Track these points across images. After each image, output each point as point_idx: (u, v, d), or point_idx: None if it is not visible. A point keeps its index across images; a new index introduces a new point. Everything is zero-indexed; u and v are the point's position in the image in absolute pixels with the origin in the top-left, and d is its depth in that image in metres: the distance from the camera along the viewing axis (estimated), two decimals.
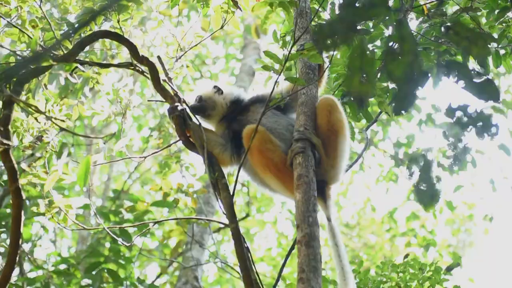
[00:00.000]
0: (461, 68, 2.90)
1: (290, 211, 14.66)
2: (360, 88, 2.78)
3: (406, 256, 5.94)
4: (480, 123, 2.92)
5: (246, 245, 4.43)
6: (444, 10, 4.90)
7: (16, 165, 4.09)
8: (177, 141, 5.01)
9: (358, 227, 14.01)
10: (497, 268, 19.42)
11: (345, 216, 14.71)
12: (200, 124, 4.89)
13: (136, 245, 8.66)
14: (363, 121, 5.70)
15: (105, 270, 7.95)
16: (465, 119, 2.95)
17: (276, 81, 4.48)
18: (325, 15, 5.41)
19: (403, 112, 2.85)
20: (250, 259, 4.41)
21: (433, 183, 3.04)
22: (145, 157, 5.33)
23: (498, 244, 16.70)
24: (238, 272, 8.32)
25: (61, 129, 4.78)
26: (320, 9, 5.32)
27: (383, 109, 5.33)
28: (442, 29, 4.61)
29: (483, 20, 5.11)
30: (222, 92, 5.34)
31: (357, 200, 14.75)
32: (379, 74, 5.05)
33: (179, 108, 4.86)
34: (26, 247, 8.84)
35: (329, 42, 2.73)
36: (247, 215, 10.33)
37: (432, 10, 4.88)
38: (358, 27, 2.78)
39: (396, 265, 5.88)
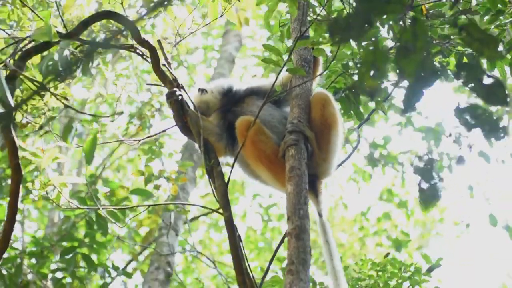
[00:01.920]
0: (471, 70, 2.90)
1: (261, 204, 14.67)
2: (372, 83, 2.78)
3: (387, 255, 5.95)
4: (488, 126, 2.92)
5: (238, 234, 4.43)
6: (443, 11, 4.91)
7: (17, 141, 4.07)
8: (173, 126, 4.99)
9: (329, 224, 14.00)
10: (468, 272, 19.67)
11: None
12: (198, 110, 4.87)
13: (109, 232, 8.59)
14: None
15: (80, 255, 7.88)
16: (473, 121, 2.95)
17: (279, 73, 4.49)
18: (319, 10, 5.38)
19: (411, 110, 2.85)
20: (242, 248, 4.42)
21: (435, 182, 3.04)
22: (139, 141, 5.32)
23: (470, 248, 16.84)
24: (212, 261, 8.29)
25: (65, 106, 4.76)
26: (316, 4, 5.31)
27: (379, 108, 5.34)
28: (456, 29, 4.63)
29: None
30: (206, 91, 5.34)
31: (329, 198, 14.78)
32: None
33: (177, 93, 4.84)
34: None
35: (344, 35, 2.72)
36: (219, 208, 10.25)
37: (431, 11, 4.89)
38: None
39: (375, 263, 5.89)
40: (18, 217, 12.00)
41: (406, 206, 13.23)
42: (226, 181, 4.62)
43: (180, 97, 4.84)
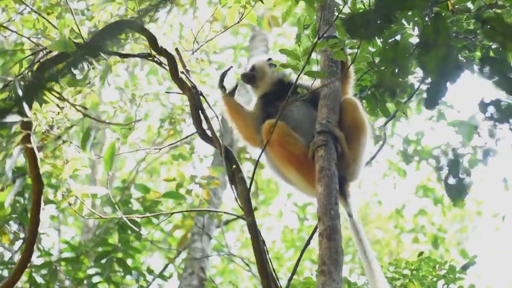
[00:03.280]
0: (496, 63, 2.84)
1: (296, 204, 14.62)
2: (393, 80, 2.73)
3: (421, 253, 5.89)
4: None
5: (262, 238, 4.41)
6: (468, 5, 4.84)
7: (36, 151, 4.08)
8: (193, 133, 4.95)
9: (363, 222, 13.94)
10: (507, 265, 19.44)
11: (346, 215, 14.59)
12: (219, 118, 4.84)
13: (142, 235, 8.63)
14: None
15: (115, 259, 7.91)
16: (498, 114, 2.89)
17: (298, 76, 4.46)
18: (343, 9, 5.33)
19: (435, 106, 2.80)
20: (266, 252, 4.40)
21: (461, 177, 2.99)
22: (160, 149, 5.30)
23: (508, 241, 16.64)
24: (247, 264, 8.28)
25: (84, 115, 4.76)
26: (341, 3, 5.25)
27: (400, 109, 5.28)
28: (479, 23, 4.56)
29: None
30: (275, 66, 5.29)
31: (363, 195, 14.71)
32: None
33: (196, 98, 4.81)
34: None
35: (362, 32, 2.67)
36: (255, 209, 10.26)
37: (456, 6, 4.82)
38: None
39: (409, 262, 5.84)
40: (55, 223, 12.14)
41: (442, 201, 13.11)
42: (248, 186, 4.58)
43: (197, 102, 4.81)
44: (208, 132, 4.85)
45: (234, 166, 4.68)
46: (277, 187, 14.65)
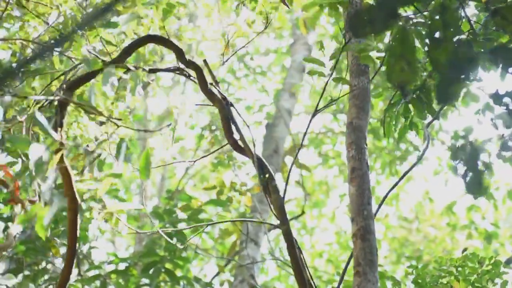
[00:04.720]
0: (507, 54, 2.78)
1: (349, 206, 14.49)
2: (401, 76, 2.68)
3: (465, 250, 5.80)
4: None
5: (297, 246, 4.37)
6: None
7: (70, 170, 4.11)
8: (225, 144, 4.90)
9: (417, 220, 13.80)
10: None
11: (404, 210, 14.51)
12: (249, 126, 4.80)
13: (191, 244, 8.66)
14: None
15: (162, 270, 7.96)
16: None
17: (326, 83, 4.43)
18: None
19: (448, 101, 2.75)
20: (303, 259, 4.35)
21: (480, 170, 2.94)
22: (194, 161, 5.31)
23: None
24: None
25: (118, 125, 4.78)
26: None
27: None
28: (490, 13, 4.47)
29: None
30: None
31: (415, 193, 14.56)
32: None
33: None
34: (84, 248, 8.88)
35: (367, 29, 2.63)
36: (303, 213, 10.24)
37: None
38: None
39: (454, 259, 5.76)
40: (108, 235, 12.28)
41: (493, 196, 12.88)
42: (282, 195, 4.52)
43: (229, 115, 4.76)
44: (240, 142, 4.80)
45: (267, 175, 4.59)
46: (328, 187, 14.58)
